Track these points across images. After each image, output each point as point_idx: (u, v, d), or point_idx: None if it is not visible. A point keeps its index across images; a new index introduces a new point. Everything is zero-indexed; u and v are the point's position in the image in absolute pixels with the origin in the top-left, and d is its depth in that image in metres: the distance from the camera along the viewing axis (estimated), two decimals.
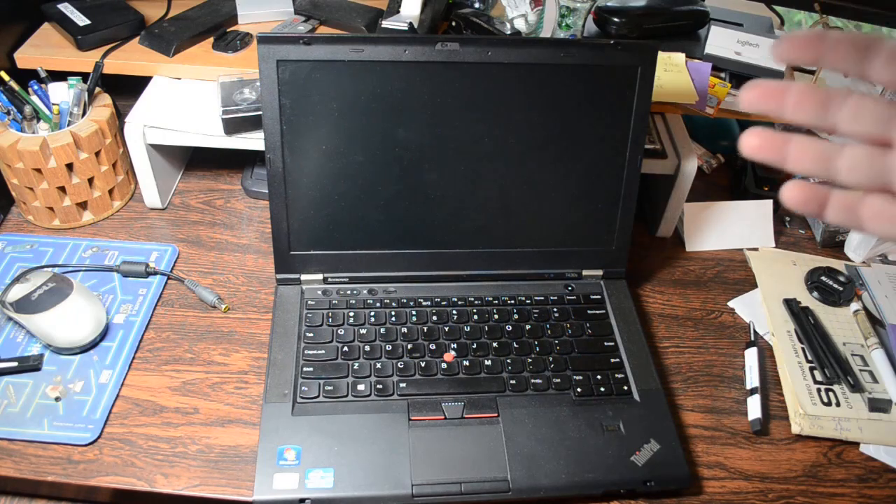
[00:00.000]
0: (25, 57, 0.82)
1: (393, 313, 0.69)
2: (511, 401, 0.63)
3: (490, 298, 0.72)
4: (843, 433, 0.65)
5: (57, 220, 0.79)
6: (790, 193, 0.32)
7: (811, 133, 0.30)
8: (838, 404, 0.66)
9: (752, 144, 0.32)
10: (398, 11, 0.83)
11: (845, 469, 0.64)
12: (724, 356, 0.72)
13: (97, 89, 0.80)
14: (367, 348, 0.66)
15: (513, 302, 0.72)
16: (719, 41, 0.85)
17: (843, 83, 1.01)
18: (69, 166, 0.75)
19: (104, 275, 0.74)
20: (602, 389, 0.65)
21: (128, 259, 0.75)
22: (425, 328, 0.68)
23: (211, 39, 0.85)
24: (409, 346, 0.67)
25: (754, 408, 0.66)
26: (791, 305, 0.75)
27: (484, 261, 0.72)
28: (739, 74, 0.84)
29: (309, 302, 0.70)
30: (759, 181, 0.89)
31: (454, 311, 0.70)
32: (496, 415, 0.62)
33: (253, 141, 0.77)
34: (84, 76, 0.78)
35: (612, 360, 0.67)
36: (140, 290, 0.73)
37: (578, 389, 0.65)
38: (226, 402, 0.65)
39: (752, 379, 0.69)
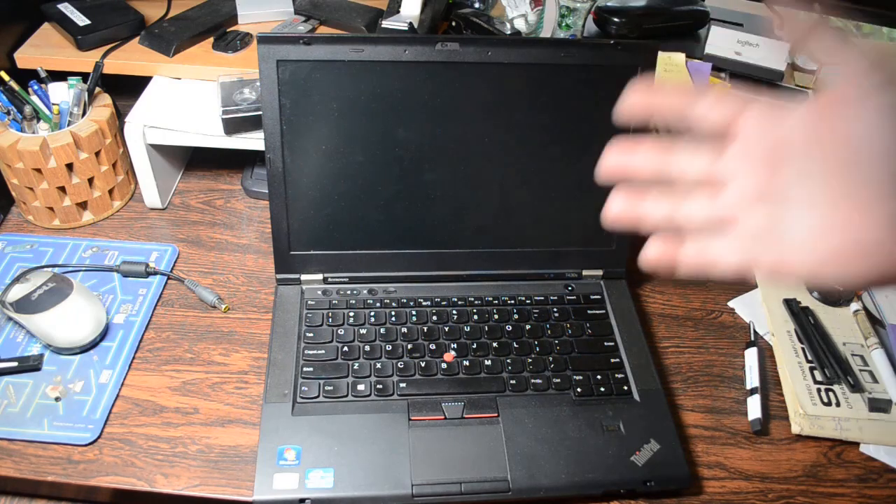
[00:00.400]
0: (25, 57, 0.82)
1: (393, 313, 0.69)
2: (511, 401, 0.63)
3: (490, 298, 0.72)
4: (843, 433, 0.65)
5: (57, 220, 0.79)
6: (648, 255, 0.37)
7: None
8: (838, 404, 0.66)
9: (612, 214, 0.38)
10: (398, 11, 0.83)
11: (845, 469, 0.64)
12: (724, 356, 0.72)
13: (97, 89, 0.80)
14: (367, 348, 0.66)
15: (513, 302, 0.72)
16: (719, 41, 0.85)
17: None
18: (69, 166, 0.75)
19: (104, 275, 0.74)
20: (602, 389, 0.65)
21: (128, 259, 0.75)
22: (425, 328, 0.68)
23: (211, 39, 0.85)
24: (409, 346, 0.67)
25: (754, 408, 0.66)
26: (791, 305, 0.75)
27: (484, 261, 0.72)
28: (739, 74, 0.84)
29: (309, 302, 0.70)
30: None
31: (454, 311, 0.70)
32: (496, 415, 0.62)
33: (253, 141, 0.77)
34: (84, 76, 0.78)
35: (612, 360, 0.67)
36: (140, 290, 0.73)
37: (578, 389, 0.65)
38: (226, 402, 0.65)
39: (752, 379, 0.69)
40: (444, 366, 0.65)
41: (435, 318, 0.69)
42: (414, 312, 0.70)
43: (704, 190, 0.36)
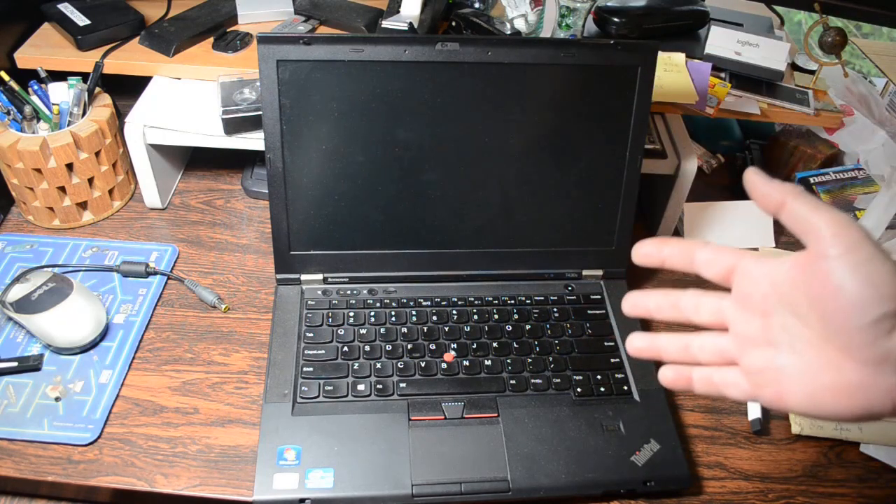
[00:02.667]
0: (25, 57, 0.82)
1: (393, 313, 0.69)
2: (511, 401, 0.63)
3: (490, 298, 0.72)
4: (842, 433, 0.65)
5: (57, 220, 0.79)
6: (665, 374, 0.42)
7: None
8: None
9: (635, 346, 0.43)
10: (398, 11, 0.83)
11: (845, 469, 0.64)
12: None
13: (97, 89, 0.80)
14: (367, 348, 0.66)
15: (513, 302, 0.72)
16: (719, 41, 0.85)
17: (843, 81, 1.01)
18: (69, 166, 0.75)
19: (104, 275, 0.74)
20: (602, 389, 0.65)
21: (128, 259, 0.75)
22: (425, 328, 0.68)
23: (211, 39, 0.85)
24: (409, 346, 0.67)
25: (754, 408, 0.67)
26: None
27: (484, 261, 0.72)
28: (739, 74, 0.84)
29: (309, 302, 0.70)
30: None
31: (454, 311, 0.70)
32: (496, 415, 0.62)
33: (253, 141, 0.77)
34: (84, 76, 0.78)
35: (612, 360, 0.67)
36: (140, 290, 0.73)
37: (578, 389, 0.65)
38: (226, 402, 0.65)
39: None
40: (444, 366, 0.65)
41: (435, 318, 0.69)
42: (414, 312, 0.70)
43: (713, 328, 0.41)
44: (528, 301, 0.72)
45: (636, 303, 0.43)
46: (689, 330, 0.42)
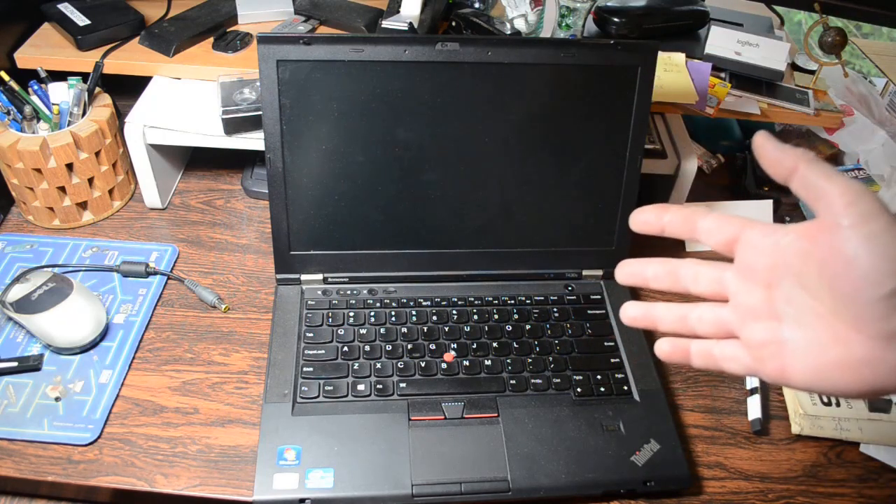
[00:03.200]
0: (25, 57, 0.82)
1: (393, 313, 0.69)
2: (511, 401, 0.63)
3: (490, 298, 0.72)
4: (843, 433, 0.65)
5: (57, 220, 0.79)
6: (662, 347, 0.41)
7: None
8: (838, 404, 0.66)
9: (629, 315, 0.42)
10: (398, 11, 0.83)
11: (845, 469, 0.64)
12: None
13: (97, 89, 0.80)
14: (367, 348, 0.66)
15: (513, 302, 0.72)
16: (719, 41, 0.85)
17: (843, 81, 1.01)
18: (69, 166, 0.75)
19: (104, 275, 0.74)
20: (602, 389, 0.65)
21: (128, 259, 0.75)
22: (425, 328, 0.68)
23: (211, 39, 0.85)
24: (409, 346, 0.67)
25: (754, 408, 0.67)
26: None
27: (484, 261, 0.72)
28: (739, 74, 0.84)
29: (309, 302, 0.70)
30: (759, 181, 0.89)
31: (454, 311, 0.70)
32: (496, 415, 0.62)
33: (253, 141, 0.77)
34: (84, 76, 0.78)
35: (612, 360, 0.67)
36: (140, 290, 0.73)
37: (578, 389, 0.65)
38: (226, 402, 0.65)
39: (752, 379, 0.69)
40: (444, 366, 0.65)
41: (435, 318, 0.69)
42: (414, 312, 0.70)
43: (712, 299, 0.40)
44: (528, 301, 0.72)
45: (633, 271, 0.42)
46: (687, 301, 0.40)
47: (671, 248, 0.84)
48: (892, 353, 0.33)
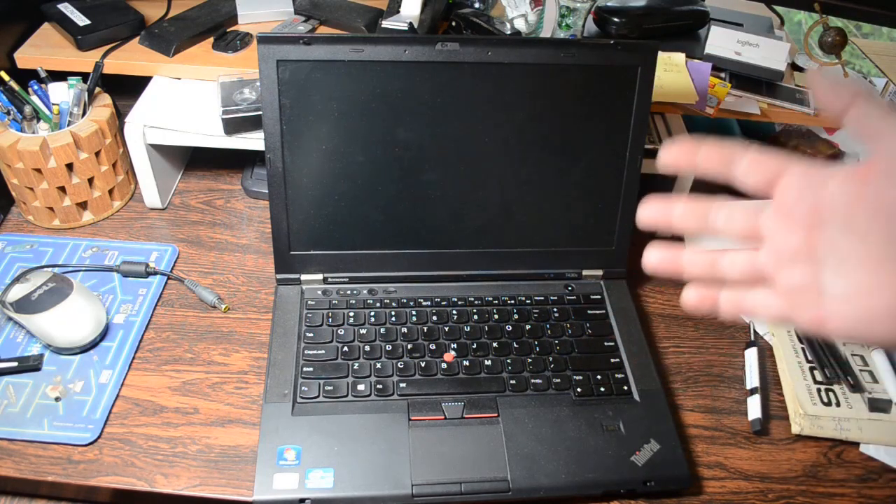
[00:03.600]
0: (25, 57, 0.82)
1: (393, 313, 0.69)
2: (511, 401, 0.63)
3: (490, 298, 0.72)
4: (843, 433, 0.65)
5: (57, 220, 0.79)
6: (688, 297, 0.38)
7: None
8: (838, 404, 0.66)
9: (651, 261, 0.38)
10: (398, 11, 0.83)
11: (845, 469, 0.64)
12: (724, 356, 0.72)
13: (97, 89, 0.80)
14: (367, 348, 0.66)
15: (513, 302, 0.72)
16: (719, 41, 0.85)
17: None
18: (69, 166, 0.75)
19: (104, 275, 0.74)
20: (602, 389, 0.65)
21: (128, 259, 0.75)
22: (425, 328, 0.68)
23: (211, 39, 0.85)
24: (409, 346, 0.67)
25: (754, 408, 0.66)
26: None
27: (484, 261, 0.72)
28: (739, 74, 0.84)
29: (309, 302, 0.70)
30: None
31: (454, 311, 0.70)
32: (496, 415, 0.62)
33: (253, 141, 0.77)
34: (84, 76, 0.78)
35: (612, 360, 0.67)
36: (140, 290, 0.73)
37: (578, 389, 0.65)
38: (226, 402, 0.65)
39: (752, 379, 0.69)
40: (444, 366, 0.65)
41: (435, 318, 0.69)
42: (414, 312, 0.70)
43: (744, 243, 0.36)
44: (528, 301, 0.72)
45: (658, 211, 0.38)
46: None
47: None
48: None
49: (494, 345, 0.67)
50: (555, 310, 0.71)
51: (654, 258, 0.38)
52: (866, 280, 0.32)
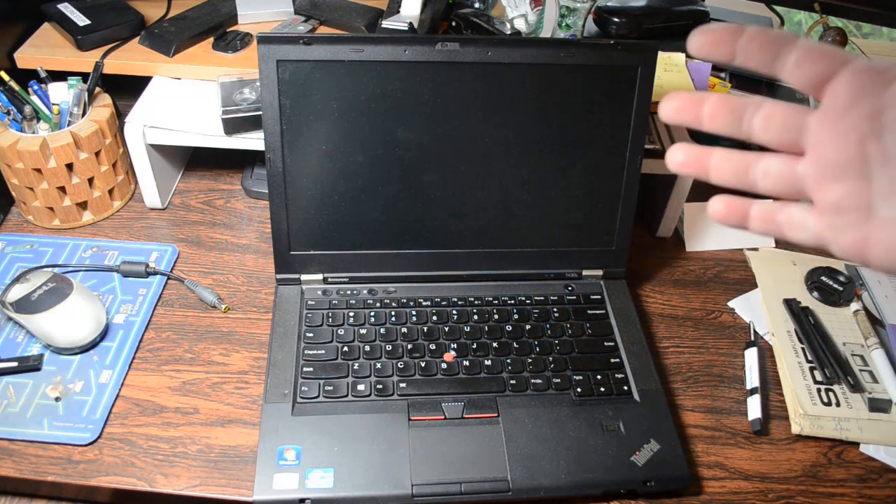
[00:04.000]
0: (25, 57, 0.82)
1: (393, 313, 0.69)
2: (511, 401, 0.63)
3: (490, 298, 0.72)
4: (843, 433, 0.65)
5: (57, 220, 0.79)
6: (715, 207, 0.33)
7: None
8: (838, 404, 0.66)
9: (676, 160, 0.34)
10: (398, 11, 0.83)
11: (845, 469, 0.64)
12: (724, 356, 0.72)
13: (97, 89, 0.80)
14: (367, 348, 0.66)
15: (513, 302, 0.72)
16: None
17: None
18: (69, 166, 0.75)
19: (104, 275, 0.74)
20: (602, 389, 0.65)
21: (128, 259, 0.75)
22: (425, 328, 0.68)
23: (211, 39, 0.85)
24: (409, 346, 0.67)
25: (754, 408, 0.66)
26: (791, 305, 0.75)
27: (484, 261, 0.72)
28: (739, 74, 0.84)
29: (309, 302, 0.70)
30: None
31: (454, 311, 0.70)
32: (496, 415, 0.62)
33: (253, 141, 0.77)
34: (84, 76, 0.78)
35: (612, 360, 0.67)
36: (140, 290, 0.73)
37: (578, 389, 0.65)
38: (226, 402, 0.65)
39: (752, 379, 0.69)
40: (444, 366, 0.65)
41: (435, 318, 0.69)
42: (414, 312, 0.70)
43: (782, 150, 0.31)
44: (527, 301, 0.72)
45: (683, 106, 0.33)
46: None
47: (672, 248, 0.84)
48: None
49: (494, 345, 0.67)
50: (555, 310, 0.71)
51: (680, 156, 0.34)
52: None
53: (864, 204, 0.29)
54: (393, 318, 0.69)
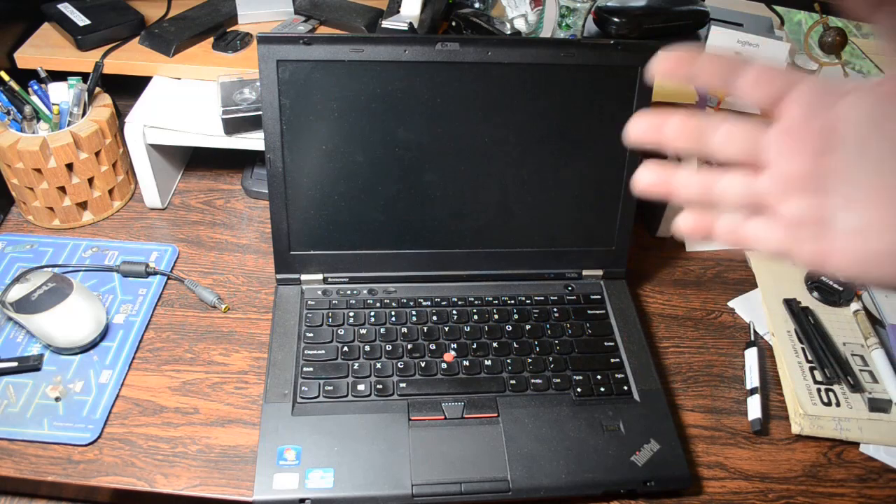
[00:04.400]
0: (25, 57, 0.82)
1: (393, 313, 0.69)
2: (511, 401, 0.63)
3: (490, 298, 0.72)
4: (843, 433, 0.65)
5: (57, 220, 0.79)
6: (683, 224, 0.34)
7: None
8: (838, 404, 0.66)
9: (641, 184, 0.35)
10: (398, 11, 0.83)
11: (845, 469, 0.64)
12: (724, 356, 0.72)
13: (97, 89, 0.80)
14: (367, 348, 0.66)
15: (513, 302, 0.72)
16: (719, 41, 0.85)
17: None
18: (69, 166, 0.75)
19: (104, 275, 0.74)
20: (602, 389, 0.65)
21: (128, 259, 0.75)
22: (425, 328, 0.68)
23: (211, 39, 0.85)
24: (409, 346, 0.67)
25: (754, 408, 0.66)
26: (791, 305, 0.75)
27: (484, 261, 0.72)
28: None
29: (309, 302, 0.70)
30: None
31: (454, 311, 0.70)
32: (496, 415, 0.62)
33: (253, 141, 0.77)
34: (84, 76, 0.78)
35: (612, 360, 0.67)
36: (140, 290, 0.73)
37: (578, 389, 0.65)
38: (226, 402, 0.65)
39: (752, 379, 0.69)
40: (444, 366, 0.65)
41: (435, 318, 0.69)
42: (414, 312, 0.70)
43: (743, 168, 0.33)
44: (528, 301, 0.72)
45: (651, 124, 0.34)
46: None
47: (672, 248, 0.84)
48: None
49: (494, 345, 0.67)
50: (555, 310, 0.71)
51: (646, 178, 0.34)
52: (877, 215, 0.29)
53: (822, 216, 0.31)
54: (393, 318, 0.69)
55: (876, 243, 0.29)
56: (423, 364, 0.65)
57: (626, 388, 0.65)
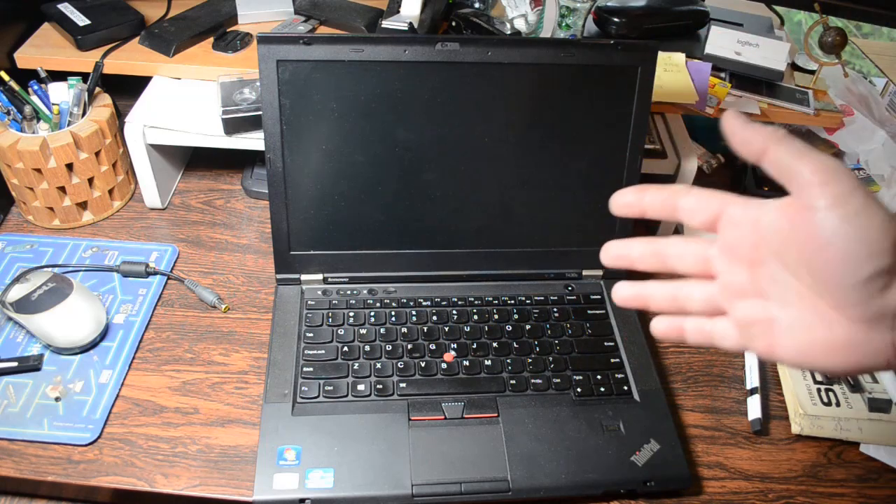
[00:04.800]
0: (25, 57, 0.82)
1: (393, 313, 0.69)
2: (511, 401, 0.63)
3: (490, 298, 0.72)
4: (843, 433, 0.65)
5: (57, 220, 0.79)
6: (657, 327, 0.40)
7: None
8: (838, 404, 0.66)
9: (619, 298, 0.41)
10: (398, 11, 0.83)
11: (845, 469, 0.64)
12: (724, 356, 0.72)
13: (97, 89, 0.80)
14: (367, 348, 0.66)
15: (513, 302, 0.72)
16: (719, 41, 0.85)
17: (843, 81, 1.01)
18: (69, 166, 0.75)
19: (104, 275, 0.74)
20: (602, 389, 0.65)
21: (128, 259, 0.75)
22: (425, 328, 0.68)
23: (211, 39, 0.85)
24: (409, 346, 0.67)
25: (754, 408, 0.67)
26: None
27: (484, 261, 0.72)
28: (739, 74, 0.84)
29: (309, 302, 0.70)
30: (759, 181, 0.89)
31: (454, 311, 0.70)
32: (496, 415, 0.62)
33: (253, 141, 0.77)
34: (84, 76, 0.78)
35: (612, 360, 0.67)
36: (140, 290, 0.73)
37: (578, 389, 0.65)
38: (226, 402, 0.65)
39: (752, 379, 0.69)
40: (444, 366, 0.65)
41: (435, 318, 0.69)
42: (414, 312, 0.70)
43: (700, 276, 0.39)
44: (528, 301, 0.72)
45: (618, 253, 0.40)
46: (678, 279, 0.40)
47: None
48: (877, 335, 0.32)
49: (494, 345, 0.67)
50: (555, 310, 0.71)
51: (623, 293, 0.41)
52: (804, 314, 0.34)
53: (766, 316, 0.35)
54: (393, 318, 0.69)
55: (808, 338, 0.34)
56: (423, 364, 0.65)
57: (626, 388, 0.65)
